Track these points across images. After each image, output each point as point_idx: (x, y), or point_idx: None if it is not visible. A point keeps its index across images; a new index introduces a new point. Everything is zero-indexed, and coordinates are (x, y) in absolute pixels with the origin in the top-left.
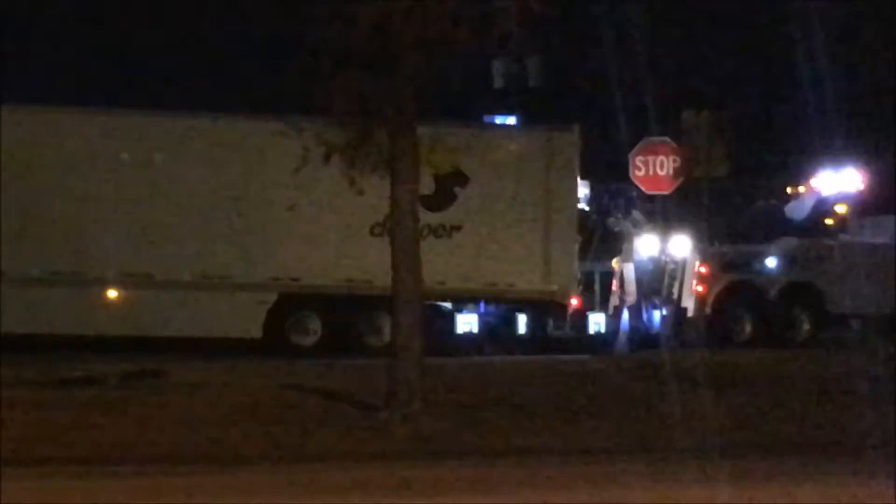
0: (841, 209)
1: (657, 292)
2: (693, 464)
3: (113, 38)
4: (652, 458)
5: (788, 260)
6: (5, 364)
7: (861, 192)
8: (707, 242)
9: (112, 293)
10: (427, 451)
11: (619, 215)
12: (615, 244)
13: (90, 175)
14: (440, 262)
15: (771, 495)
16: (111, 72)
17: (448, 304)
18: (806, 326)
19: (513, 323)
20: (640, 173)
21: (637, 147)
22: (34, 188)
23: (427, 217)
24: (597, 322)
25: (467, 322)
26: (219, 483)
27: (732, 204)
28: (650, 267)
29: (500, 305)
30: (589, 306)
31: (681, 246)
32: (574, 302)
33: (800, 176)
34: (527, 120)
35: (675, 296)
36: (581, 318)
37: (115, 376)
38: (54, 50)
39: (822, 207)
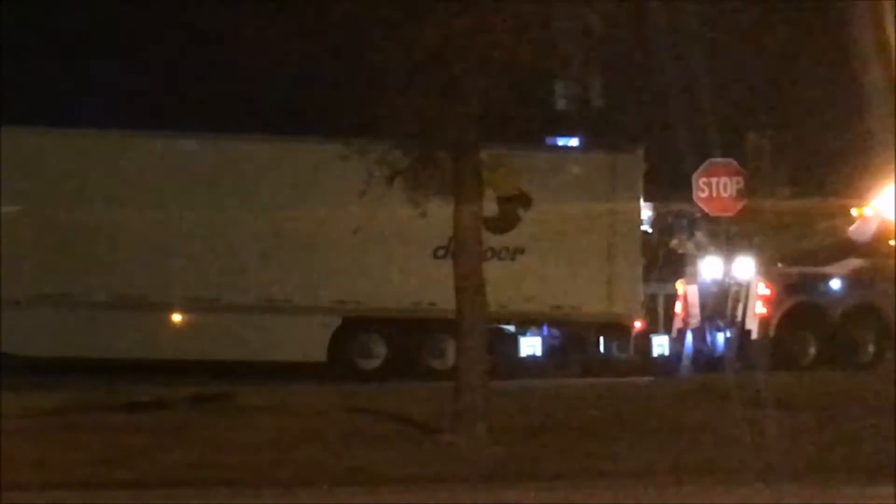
0: None
1: (721, 314)
2: (758, 487)
3: (158, 58)
4: (717, 481)
5: (853, 281)
6: (73, 388)
7: None
8: (771, 264)
9: (178, 317)
10: (492, 475)
11: (683, 237)
12: (679, 266)
13: (155, 199)
14: (504, 285)
15: None
16: (156, 93)
17: (512, 327)
18: (871, 348)
19: (576, 346)
20: (704, 195)
21: (700, 168)
22: (115, 214)
23: (490, 239)
24: (660, 344)
25: (531, 345)
26: None
27: (796, 225)
28: (714, 289)
29: (564, 328)
30: (653, 329)
31: (745, 268)
32: (638, 324)
33: (864, 197)
34: (590, 141)
35: (739, 318)
36: (645, 340)
37: (183, 400)
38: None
39: (887, 228)
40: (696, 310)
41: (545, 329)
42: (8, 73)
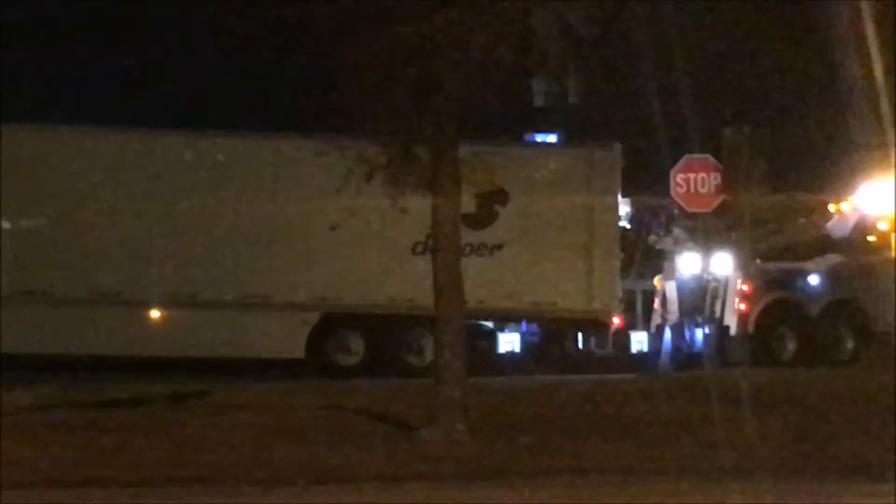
0: (884, 226)
1: (699, 310)
2: (737, 484)
3: (144, 54)
4: (695, 479)
5: (831, 277)
6: (51, 385)
7: None
8: (749, 260)
9: (155, 314)
10: (470, 472)
11: (661, 233)
12: (657, 262)
13: (134, 195)
14: (482, 281)
15: None
16: (148, 89)
17: (490, 324)
18: (849, 344)
19: (555, 342)
20: (682, 191)
21: (678, 164)
22: (93, 210)
23: (469, 235)
24: (639, 341)
25: (509, 341)
26: None
27: (774, 221)
28: (692, 285)
29: (543, 324)
30: (631, 325)
31: (723, 264)
32: (616, 320)
33: (842, 193)
34: (567, 138)
35: (718, 314)
36: (623, 336)
37: (161, 397)
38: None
39: (865, 224)
40: (674, 306)
41: (523, 325)
42: None
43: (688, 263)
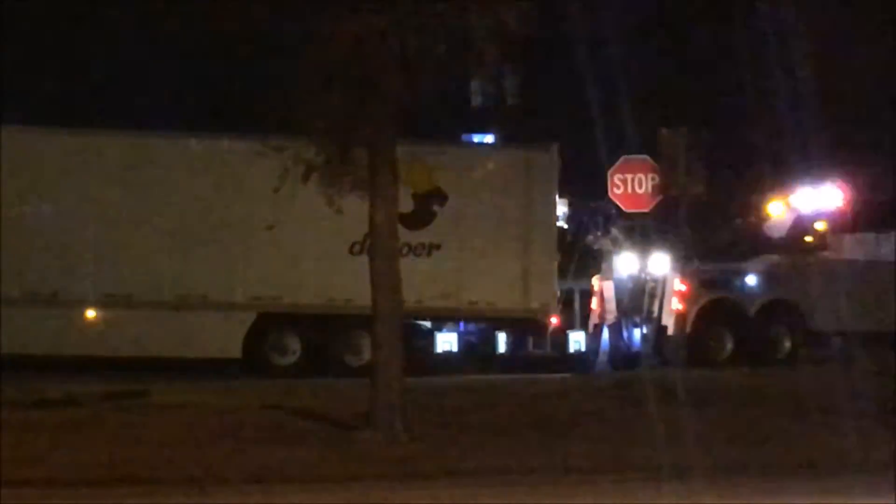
0: (820, 226)
1: (637, 310)
2: (672, 483)
3: (84, 56)
4: (631, 478)
5: (768, 277)
6: None
7: (840, 209)
8: (686, 260)
9: (91, 313)
10: (408, 472)
11: (599, 233)
12: (595, 262)
13: (70, 195)
14: (419, 281)
15: None
16: (85, 91)
17: (428, 323)
18: (786, 344)
19: (493, 342)
20: (619, 191)
21: (615, 165)
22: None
23: (406, 236)
24: (577, 340)
25: (447, 341)
26: None
27: (712, 221)
28: (630, 285)
29: (480, 324)
30: (569, 325)
31: (660, 264)
32: (554, 320)
33: (779, 193)
34: (505, 138)
35: (655, 314)
36: (561, 336)
37: (96, 397)
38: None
39: (802, 225)
40: (612, 306)
41: (461, 325)
42: None
43: (625, 263)
